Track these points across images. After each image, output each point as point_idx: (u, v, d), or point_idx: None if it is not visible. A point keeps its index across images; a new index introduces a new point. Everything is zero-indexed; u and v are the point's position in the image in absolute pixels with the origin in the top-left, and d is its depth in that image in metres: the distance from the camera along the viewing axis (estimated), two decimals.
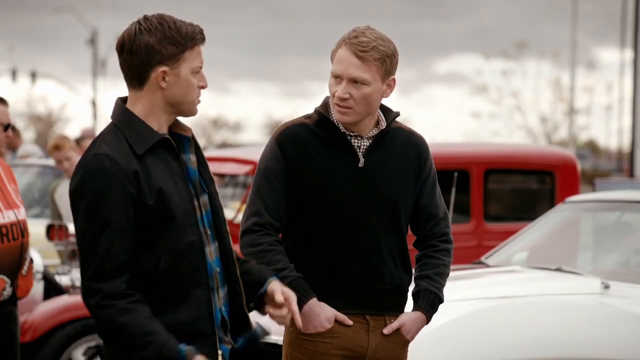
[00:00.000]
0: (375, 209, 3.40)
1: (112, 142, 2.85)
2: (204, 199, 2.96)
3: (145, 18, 2.88)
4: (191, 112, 2.94)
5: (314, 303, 3.38)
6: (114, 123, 2.91)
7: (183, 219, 2.86)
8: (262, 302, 2.99)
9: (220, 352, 2.95)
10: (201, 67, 2.92)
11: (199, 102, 2.94)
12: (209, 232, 2.93)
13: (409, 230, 3.55)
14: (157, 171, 2.85)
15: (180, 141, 2.96)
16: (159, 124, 2.91)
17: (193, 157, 2.97)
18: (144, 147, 2.85)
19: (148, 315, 2.77)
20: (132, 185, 2.80)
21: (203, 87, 2.94)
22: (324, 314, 3.38)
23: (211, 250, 2.93)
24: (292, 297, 2.95)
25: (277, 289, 2.95)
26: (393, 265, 3.43)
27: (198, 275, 2.88)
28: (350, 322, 3.41)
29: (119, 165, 2.80)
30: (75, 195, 2.82)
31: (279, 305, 2.95)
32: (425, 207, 3.49)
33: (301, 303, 3.37)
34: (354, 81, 3.34)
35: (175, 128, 2.97)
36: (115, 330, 2.75)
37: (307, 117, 3.47)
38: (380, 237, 3.40)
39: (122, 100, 2.95)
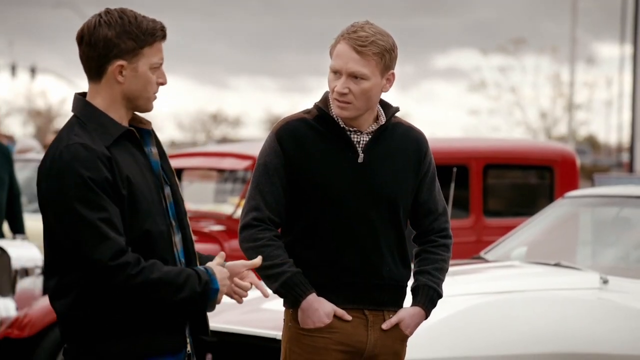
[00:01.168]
0: (374, 204, 3.39)
1: (81, 133, 2.86)
2: (167, 190, 2.99)
3: (107, 11, 2.90)
4: (147, 108, 2.97)
5: (312, 298, 3.38)
6: (77, 116, 2.92)
7: (152, 209, 2.90)
8: None
9: (188, 340, 2.99)
10: (161, 64, 2.94)
11: (155, 98, 2.97)
12: (174, 223, 2.97)
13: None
14: (125, 162, 2.88)
15: (141, 134, 2.99)
16: (120, 117, 2.93)
17: (155, 150, 3.00)
18: (109, 139, 2.88)
19: (162, 263, 2.87)
20: (108, 171, 2.83)
21: (162, 84, 2.96)
22: (322, 309, 3.38)
23: (176, 241, 2.98)
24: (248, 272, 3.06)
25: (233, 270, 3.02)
26: (392, 261, 3.43)
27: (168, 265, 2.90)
28: (349, 318, 3.41)
29: (95, 151, 2.82)
30: (58, 188, 2.81)
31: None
32: (425, 203, 3.49)
33: (300, 298, 3.38)
34: (353, 76, 3.34)
35: (135, 122, 3.00)
36: (155, 287, 2.82)
37: (307, 112, 3.47)
38: (379, 233, 3.40)
39: (81, 95, 2.96)
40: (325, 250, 3.39)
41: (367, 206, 3.39)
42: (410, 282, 3.53)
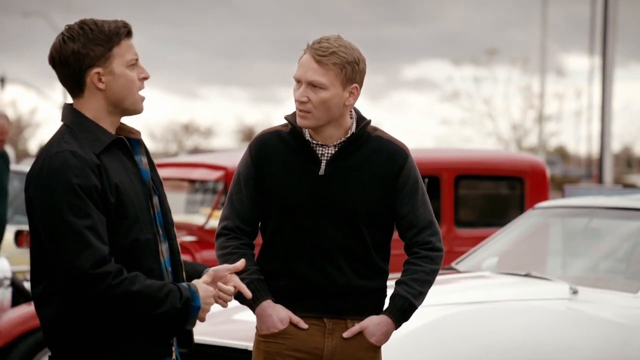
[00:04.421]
0: (331, 216, 3.43)
1: (71, 141, 2.89)
2: (156, 200, 3.02)
3: (67, 27, 2.93)
4: (135, 109, 2.98)
5: (266, 304, 3.45)
6: (67, 125, 2.95)
7: (139, 216, 2.92)
8: None
9: (174, 349, 3.01)
10: (137, 60, 2.95)
11: (142, 98, 2.98)
12: (161, 232, 3.00)
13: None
14: (114, 170, 2.91)
15: (130, 143, 3.01)
16: (108, 127, 2.96)
17: (144, 159, 3.03)
18: (100, 147, 2.90)
19: (144, 276, 2.88)
20: (97, 179, 2.85)
21: (145, 78, 2.98)
22: (276, 315, 3.44)
23: (163, 250, 3.00)
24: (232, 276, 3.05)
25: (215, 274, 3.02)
26: (351, 270, 3.44)
27: (152, 274, 2.92)
28: (304, 325, 3.45)
29: (84, 159, 2.85)
30: (46, 194, 2.83)
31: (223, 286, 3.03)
32: (405, 216, 3.49)
33: (254, 305, 3.45)
34: (312, 85, 3.38)
35: (125, 132, 3.02)
36: (134, 299, 2.83)
37: (285, 125, 3.52)
38: (335, 244, 3.42)
39: (71, 106, 2.99)
40: (282, 260, 3.45)
41: (322, 218, 3.43)
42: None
